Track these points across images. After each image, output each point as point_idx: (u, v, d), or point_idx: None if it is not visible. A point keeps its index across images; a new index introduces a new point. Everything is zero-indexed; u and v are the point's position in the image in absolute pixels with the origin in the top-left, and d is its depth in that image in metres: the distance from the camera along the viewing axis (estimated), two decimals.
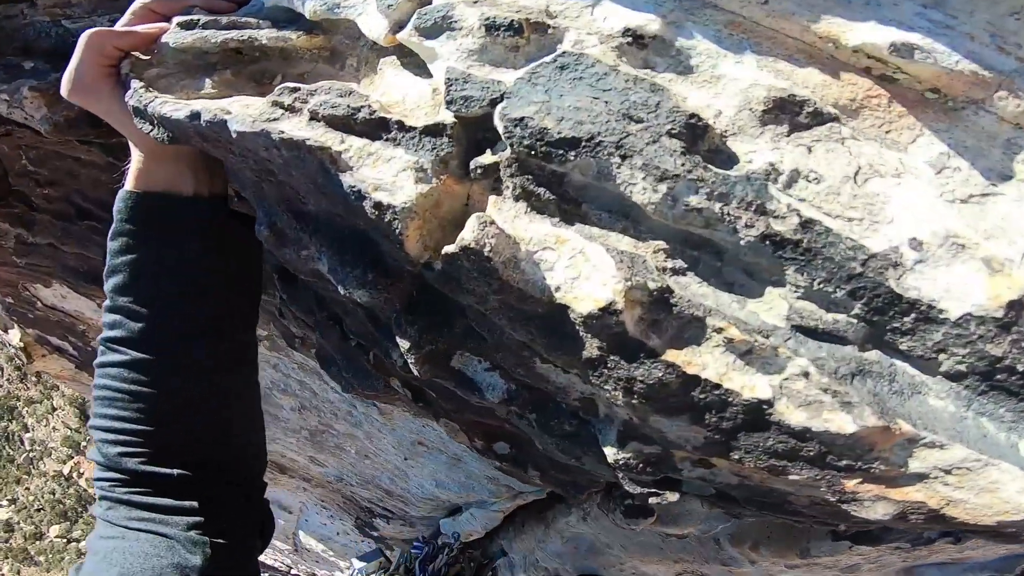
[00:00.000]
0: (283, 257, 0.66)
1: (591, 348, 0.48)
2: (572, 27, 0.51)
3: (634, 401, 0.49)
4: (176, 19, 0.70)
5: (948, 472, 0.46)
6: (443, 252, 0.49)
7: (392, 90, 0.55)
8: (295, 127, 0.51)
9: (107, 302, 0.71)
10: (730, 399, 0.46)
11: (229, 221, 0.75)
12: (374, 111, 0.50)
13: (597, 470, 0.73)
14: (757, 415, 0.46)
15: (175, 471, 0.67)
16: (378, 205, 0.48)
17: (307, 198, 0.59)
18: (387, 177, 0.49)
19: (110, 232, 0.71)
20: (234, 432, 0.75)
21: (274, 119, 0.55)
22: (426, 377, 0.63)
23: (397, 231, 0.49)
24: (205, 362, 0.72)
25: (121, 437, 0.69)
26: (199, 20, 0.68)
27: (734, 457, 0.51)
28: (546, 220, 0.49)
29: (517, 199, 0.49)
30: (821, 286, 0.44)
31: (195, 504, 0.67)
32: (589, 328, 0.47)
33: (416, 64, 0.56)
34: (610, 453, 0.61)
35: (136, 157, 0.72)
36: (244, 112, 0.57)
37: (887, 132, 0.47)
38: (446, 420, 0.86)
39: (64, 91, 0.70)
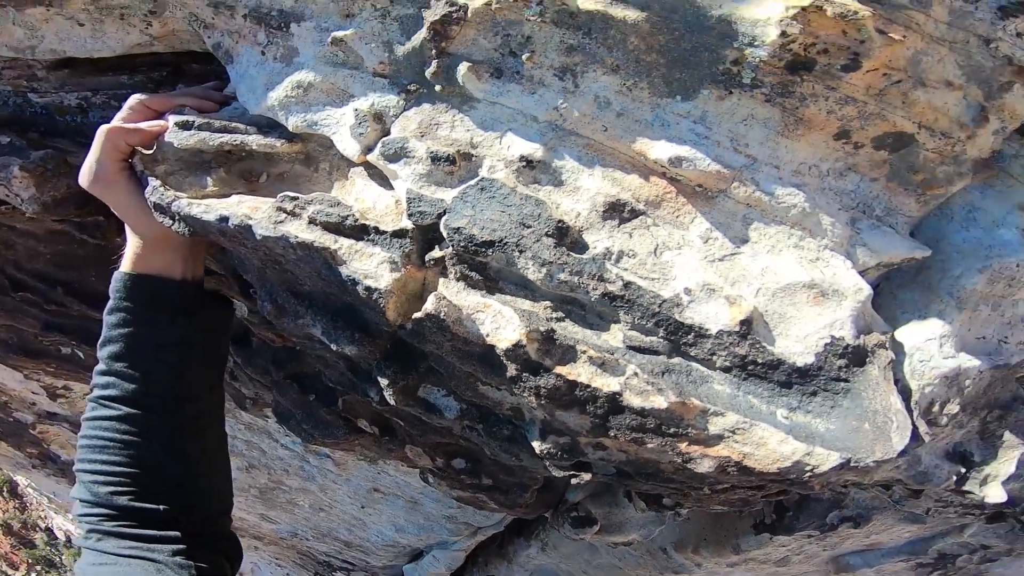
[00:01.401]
0: (281, 325, 1.00)
1: (511, 370, 0.86)
2: (488, 155, 0.90)
3: (542, 402, 0.88)
4: (172, 118, 0.97)
5: (733, 432, 0.86)
6: (413, 317, 0.86)
7: (364, 197, 0.92)
8: (300, 230, 0.87)
9: (101, 366, 0.97)
10: (597, 393, 0.85)
11: (205, 299, 1.06)
12: (357, 219, 0.87)
13: (532, 465, 1.11)
14: (615, 402, 0.86)
15: (161, 506, 0.89)
16: (368, 289, 0.85)
17: (304, 281, 0.95)
18: (371, 268, 0.86)
19: (108, 307, 0.98)
20: (208, 473, 1.02)
21: (280, 222, 0.90)
22: (400, 405, 0.99)
23: (381, 306, 0.85)
24: (187, 417, 0.99)
25: (112, 479, 0.90)
26: (194, 122, 0.98)
27: (612, 435, 0.90)
28: (477, 293, 0.87)
29: (458, 280, 0.88)
30: (639, 321, 0.85)
31: (178, 534, 0.89)
32: (508, 357, 0.85)
33: (380, 176, 0.93)
34: (536, 446, 0.98)
35: (134, 243, 1.00)
36: (259, 216, 0.90)
37: (677, 217, 0.89)
38: (411, 446, 1.21)
39: (85, 183, 0.97)
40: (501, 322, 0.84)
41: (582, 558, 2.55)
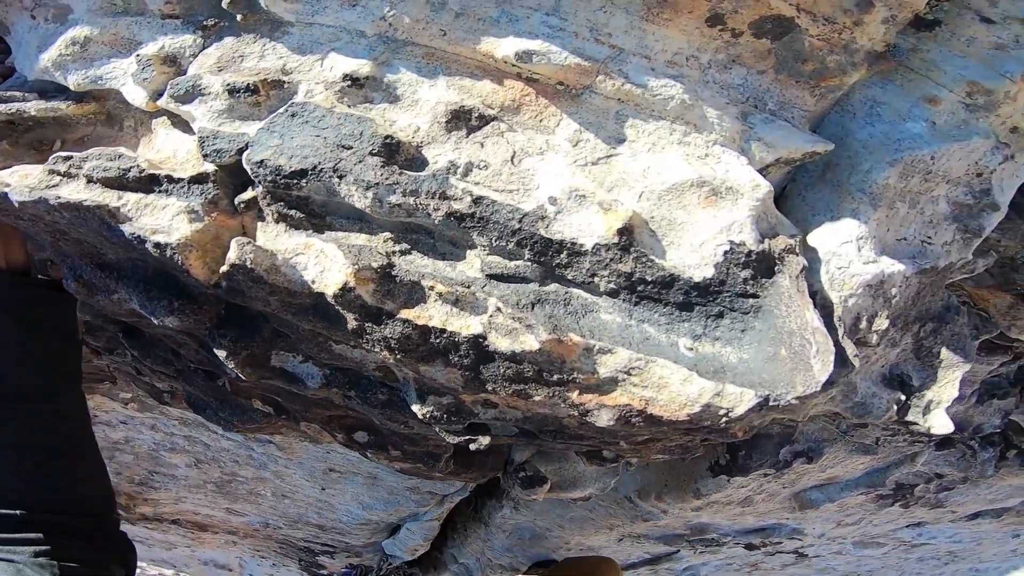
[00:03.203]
0: (96, 304, 0.78)
1: (351, 321, 0.64)
2: (304, 80, 0.68)
3: (397, 356, 0.66)
4: None
5: (628, 373, 0.65)
6: (219, 272, 0.64)
7: (165, 147, 0.70)
8: (73, 191, 0.65)
9: None
10: (456, 339, 0.63)
11: (31, 290, 0.85)
12: (143, 170, 0.65)
13: (426, 431, 0.89)
14: (480, 348, 0.64)
15: (17, 511, 0.78)
16: (158, 245, 0.63)
17: (105, 250, 0.73)
18: (164, 222, 0.64)
19: None
20: (73, 475, 0.86)
21: (53, 186, 0.68)
22: (253, 379, 0.77)
23: (180, 263, 0.63)
24: (34, 418, 0.83)
25: None
26: None
27: (490, 389, 0.69)
28: (301, 233, 0.65)
29: (277, 222, 0.65)
30: (498, 243, 0.63)
31: (40, 536, 0.78)
32: (341, 305, 0.63)
33: (184, 122, 0.71)
34: (417, 410, 0.77)
35: None
36: (22, 183, 0.69)
37: (540, 120, 0.67)
38: (306, 423, 0.99)
39: None
40: (325, 263, 0.62)
41: (555, 513, 2.37)
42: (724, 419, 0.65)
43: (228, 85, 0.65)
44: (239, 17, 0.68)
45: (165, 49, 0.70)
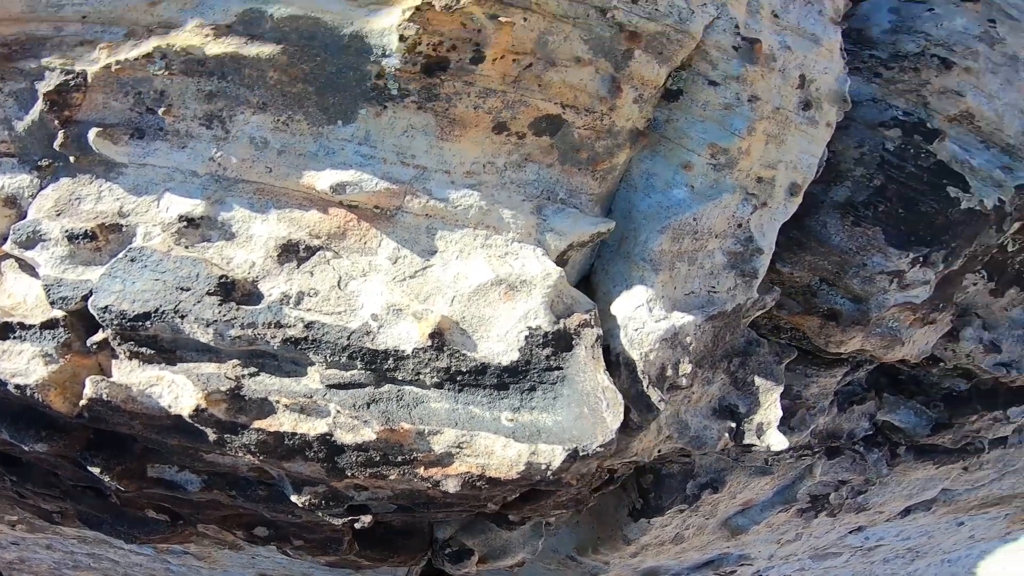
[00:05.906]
0: None
1: (211, 434, 0.74)
2: (142, 222, 0.79)
3: (260, 457, 0.76)
4: None
5: (460, 447, 0.77)
6: (79, 405, 0.73)
7: (15, 291, 0.80)
8: None
9: None
10: (307, 439, 0.75)
11: None
12: None
13: (315, 519, 0.97)
14: (330, 444, 0.75)
15: None
16: (18, 387, 0.73)
17: None
18: (21, 366, 0.73)
19: None
20: None
21: None
22: (133, 491, 0.85)
23: (41, 400, 0.72)
24: None
25: None
26: None
27: (350, 475, 0.79)
28: (154, 367, 0.76)
29: (130, 359, 0.76)
30: (332, 358, 0.75)
31: None
32: (199, 423, 0.73)
33: (31, 266, 0.80)
34: (296, 500, 0.86)
35: None
36: None
37: (364, 243, 0.81)
38: (203, 525, 1.05)
39: None
40: (177, 391, 0.73)
41: None
42: (548, 472, 0.77)
43: (67, 231, 0.76)
44: (72, 158, 0.78)
45: (5, 190, 0.79)
